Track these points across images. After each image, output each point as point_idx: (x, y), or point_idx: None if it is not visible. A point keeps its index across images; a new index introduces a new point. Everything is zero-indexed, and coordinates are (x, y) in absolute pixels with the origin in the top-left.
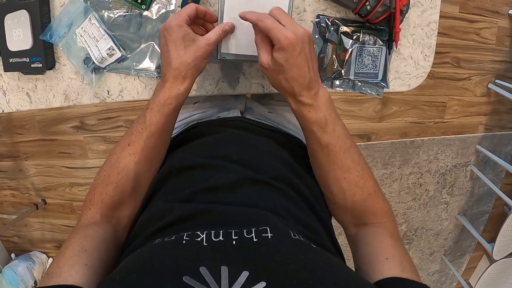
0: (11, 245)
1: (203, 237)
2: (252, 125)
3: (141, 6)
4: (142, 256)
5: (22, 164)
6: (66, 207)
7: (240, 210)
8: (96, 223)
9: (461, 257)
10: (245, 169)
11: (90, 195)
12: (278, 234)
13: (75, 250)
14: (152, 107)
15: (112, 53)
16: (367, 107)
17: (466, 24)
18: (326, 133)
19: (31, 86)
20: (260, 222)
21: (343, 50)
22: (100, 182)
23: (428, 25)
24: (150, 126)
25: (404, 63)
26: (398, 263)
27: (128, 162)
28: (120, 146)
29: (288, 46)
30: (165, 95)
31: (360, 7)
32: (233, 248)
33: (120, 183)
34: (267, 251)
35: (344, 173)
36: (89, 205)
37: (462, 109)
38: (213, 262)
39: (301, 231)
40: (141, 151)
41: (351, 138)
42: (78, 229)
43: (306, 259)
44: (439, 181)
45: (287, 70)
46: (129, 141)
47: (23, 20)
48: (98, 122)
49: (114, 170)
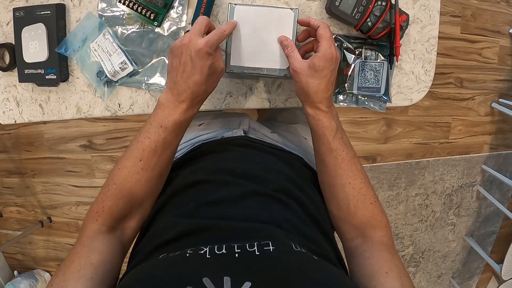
0: (14, 262)
1: (206, 250)
2: (255, 143)
3: (153, 22)
4: (146, 269)
5: (29, 181)
6: (71, 226)
7: (242, 225)
8: (102, 235)
9: (470, 279)
10: (249, 182)
11: (98, 206)
12: (279, 247)
13: (82, 263)
14: (166, 125)
15: (124, 67)
16: (372, 128)
17: (468, 45)
18: (336, 138)
19: (44, 98)
20: (262, 235)
21: (346, 65)
22: (110, 196)
23: (428, 41)
24: (164, 144)
25: (406, 77)
26: (397, 277)
27: (141, 177)
28: (130, 161)
29: (330, 59)
30: (181, 116)
31: (361, 23)
32: (236, 260)
33: (131, 197)
34: (269, 263)
35: (349, 178)
36: (96, 216)
37: (467, 129)
38: (216, 273)
39: (303, 243)
40: (154, 167)
41: (354, 151)
42: (84, 240)
43: (307, 271)
44: (446, 202)
45: (319, 76)
46: (141, 156)
47: (39, 33)
48: (106, 142)
49: (126, 184)
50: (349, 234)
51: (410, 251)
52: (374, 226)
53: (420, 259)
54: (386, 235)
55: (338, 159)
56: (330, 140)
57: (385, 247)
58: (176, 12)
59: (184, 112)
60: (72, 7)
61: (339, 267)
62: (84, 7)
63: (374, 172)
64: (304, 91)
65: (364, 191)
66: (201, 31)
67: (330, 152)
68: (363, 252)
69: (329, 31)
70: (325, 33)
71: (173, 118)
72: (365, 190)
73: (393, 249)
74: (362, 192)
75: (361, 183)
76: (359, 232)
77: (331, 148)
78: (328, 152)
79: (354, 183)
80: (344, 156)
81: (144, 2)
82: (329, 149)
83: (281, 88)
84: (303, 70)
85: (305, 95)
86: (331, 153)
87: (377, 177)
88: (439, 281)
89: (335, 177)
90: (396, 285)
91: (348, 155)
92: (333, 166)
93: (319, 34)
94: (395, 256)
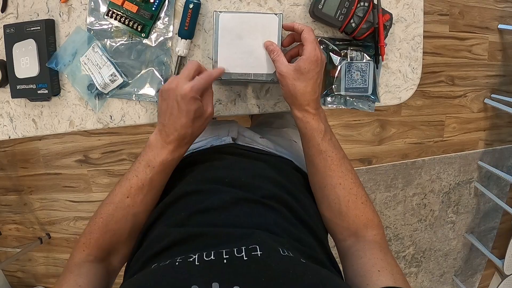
0: (15, 280)
1: (195, 257)
2: (244, 150)
3: (141, 34)
4: (137, 281)
5: (26, 198)
6: (71, 241)
7: (231, 231)
8: (89, 263)
9: (473, 276)
10: (237, 190)
11: (85, 238)
12: (267, 251)
13: (71, 286)
14: (153, 165)
15: (114, 79)
16: (366, 130)
17: (457, 42)
18: (325, 140)
19: (37, 113)
20: (250, 241)
21: (333, 67)
22: (97, 229)
23: (413, 39)
24: (151, 183)
25: (393, 76)
26: (389, 275)
27: (127, 213)
28: (117, 197)
29: (315, 61)
30: (168, 156)
31: (345, 25)
32: (224, 266)
33: (116, 232)
34: (257, 267)
35: (339, 179)
36: (84, 247)
37: (461, 126)
38: (204, 280)
39: (293, 246)
40: (140, 204)
41: (343, 151)
42: (72, 267)
43: (295, 274)
44: (444, 200)
45: (305, 79)
46: (128, 193)
47: (30, 49)
48: (102, 156)
49: (112, 219)
50: (341, 234)
51: (411, 251)
52: (366, 225)
53: (422, 259)
54: (378, 233)
55: (328, 161)
56: (319, 142)
57: (378, 246)
58: (163, 23)
59: (171, 152)
60: (61, 22)
61: (331, 269)
62: (73, 21)
63: (370, 174)
64: (291, 94)
65: (354, 191)
66: (190, 76)
67: (320, 154)
68: (355, 252)
69: (313, 34)
70: (309, 36)
71: (160, 158)
72: (355, 190)
73: (386, 247)
74: (353, 192)
75: (351, 183)
76: (352, 232)
77: (320, 150)
78: (318, 154)
79: (344, 183)
80: (334, 157)
81: (131, 15)
82: (318, 151)
83: (270, 93)
84: (289, 73)
85: (292, 98)
86: (321, 154)
87: (374, 179)
88: (441, 280)
89: (325, 178)
90: (389, 283)
91: (338, 156)
92: (323, 168)
93: (303, 38)
94: (387, 254)
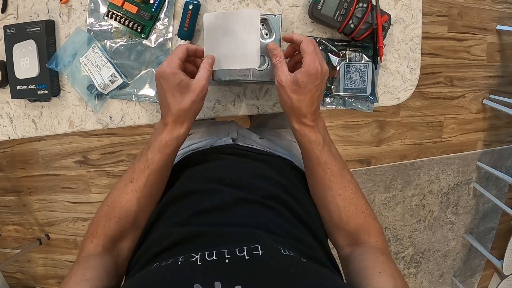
0: (14, 281)
1: (197, 257)
2: (243, 150)
3: (140, 35)
4: (139, 280)
5: (25, 199)
6: (70, 242)
7: (232, 230)
8: (97, 255)
9: (472, 276)
10: (237, 190)
11: (93, 228)
12: (268, 251)
13: (78, 280)
14: (153, 146)
15: (114, 80)
16: (365, 131)
17: (455, 43)
18: (323, 152)
19: (37, 113)
20: (251, 240)
21: (332, 68)
22: (103, 216)
23: (411, 40)
24: (152, 164)
25: (392, 77)
26: (390, 277)
27: (131, 198)
28: (122, 182)
29: (315, 74)
30: (166, 136)
31: (344, 26)
32: (226, 266)
33: (122, 217)
34: (259, 267)
35: (339, 190)
36: (91, 238)
37: (459, 127)
38: (206, 279)
39: (293, 245)
40: (143, 188)
41: (343, 161)
42: (80, 260)
43: (296, 273)
44: (443, 201)
45: (302, 92)
46: (132, 178)
47: (30, 50)
48: (101, 157)
49: (117, 205)
50: (342, 241)
51: (410, 252)
52: (368, 232)
53: (421, 259)
54: (380, 239)
55: (328, 173)
56: (318, 155)
57: (379, 250)
58: (163, 24)
59: (169, 132)
60: (61, 22)
61: (331, 268)
62: (73, 22)
63: (369, 175)
64: (288, 105)
65: (355, 201)
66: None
67: (319, 166)
68: (357, 255)
69: (312, 45)
70: (307, 48)
71: (159, 138)
72: (356, 200)
73: (387, 252)
74: (353, 202)
75: (351, 194)
76: (353, 238)
77: (320, 162)
78: (317, 166)
79: (344, 194)
80: (333, 168)
81: (131, 16)
82: (317, 163)
83: (269, 94)
84: (287, 84)
85: (289, 109)
86: (320, 166)
87: (373, 180)
88: (441, 281)
89: (325, 189)
90: (389, 285)
91: (337, 167)
92: (322, 179)
93: (302, 49)
94: (389, 258)
